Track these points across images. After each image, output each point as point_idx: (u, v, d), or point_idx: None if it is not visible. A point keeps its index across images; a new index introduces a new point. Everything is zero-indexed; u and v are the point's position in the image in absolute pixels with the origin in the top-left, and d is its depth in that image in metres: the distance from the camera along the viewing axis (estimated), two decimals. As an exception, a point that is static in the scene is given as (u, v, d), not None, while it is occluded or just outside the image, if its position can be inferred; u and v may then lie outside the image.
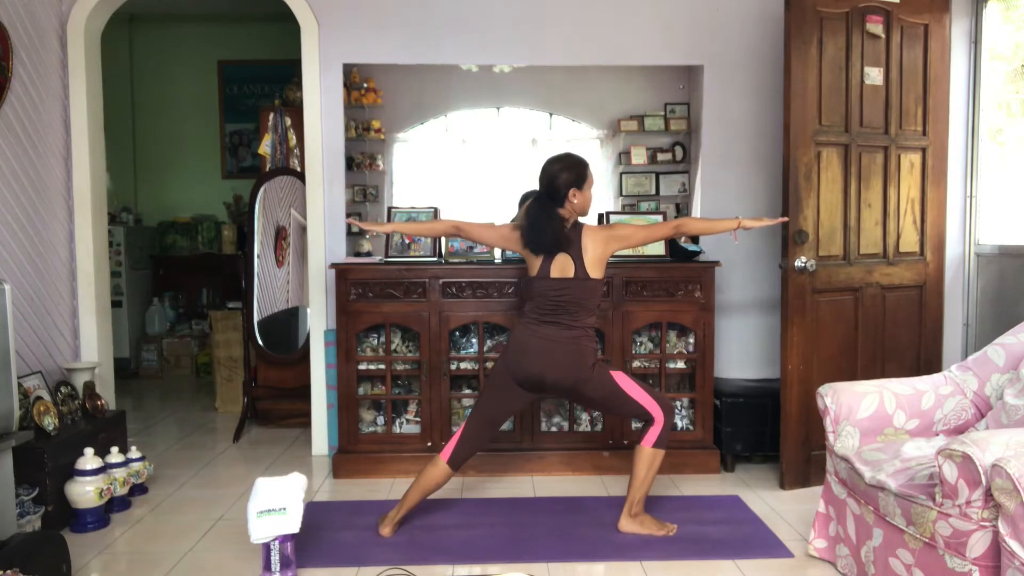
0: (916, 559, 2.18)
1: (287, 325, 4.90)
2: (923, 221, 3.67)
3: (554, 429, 3.79)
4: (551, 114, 5.58)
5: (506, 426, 3.73)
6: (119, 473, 3.24)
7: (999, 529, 1.94)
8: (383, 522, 2.95)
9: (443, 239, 3.78)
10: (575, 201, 2.83)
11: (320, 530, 2.98)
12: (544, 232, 2.81)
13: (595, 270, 2.84)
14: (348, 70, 4.87)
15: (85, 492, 3.03)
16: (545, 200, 2.85)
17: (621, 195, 5.33)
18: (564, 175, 2.82)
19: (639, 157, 5.24)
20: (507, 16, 4.00)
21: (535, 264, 2.88)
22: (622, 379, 2.92)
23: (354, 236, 5.11)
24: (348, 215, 5.02)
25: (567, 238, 2.84)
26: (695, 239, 3.91)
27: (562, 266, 2.84)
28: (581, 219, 2.94)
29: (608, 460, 3.69)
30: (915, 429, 2.67)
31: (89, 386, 3.55)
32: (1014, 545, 1.88)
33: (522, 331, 2.88)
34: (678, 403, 3.82)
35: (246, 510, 2.55)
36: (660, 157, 5.23)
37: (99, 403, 3.52)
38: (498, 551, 2.80)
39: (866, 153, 3.52)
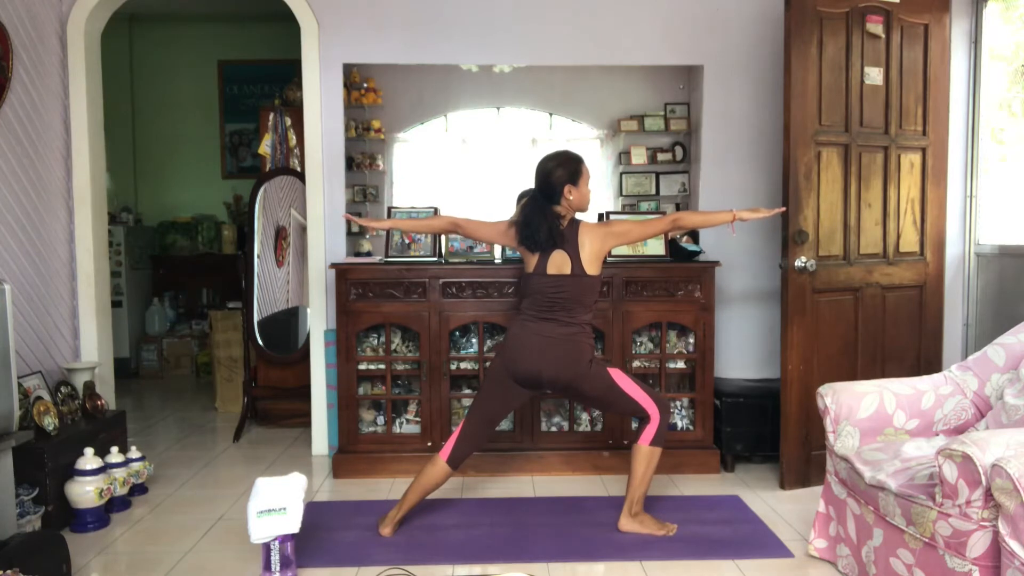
0: (917, 559, 2.18)
1: (287, 325, 4.90)
2: (923, 221, 3.67)
3: (554, 429, 3.79)
4: (551, 114, 5.58)
5: (506, 426, 3.73)
6: (119, 473, 3.24)
7: (999, 529, 1.93)
8: (383, 522, 2.95)
9: (443, 238, 3.78)
10: (571, 198, 2.84)
11: (320, 530, 2.98)
12: (538, 229, 2.81)
13: (592, 267, 2.84)
14: (348, 70, 4.87)
15: (85, 492, 3.03)
16: (540, 198, 2.85)
17: (621, 195, 5.32)
18: (558, 172, 2.82)
19: (639, 157, 5.24)
20: (507, 16, 4.00)
21: (532, 261, 2.88)
22: (619, 376, 2.92)
23: (354, 236, 5.11)
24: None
25: (562, 235, 2.84)
26: (695, 238, 3.91)
27: (559, 263, 2.84)
28: (580, 216, 2.94)
29: (608, 460, 3.68)
30: (915, 429, 2.67)
31: (89, 386, 3.54)
32: (1014, 545, 1.88)
33: (519, 328, 2.88)
34: (678, 403, 3.82)
35: (246, 510, 2.55)
36: (660, 157, 5.23)
37: (99, 403, 3.51)
38: (498, 551, 2.80)
39: (866, 153, 3.52)
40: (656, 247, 3.75)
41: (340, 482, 3.63)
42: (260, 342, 4.68)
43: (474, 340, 3.77)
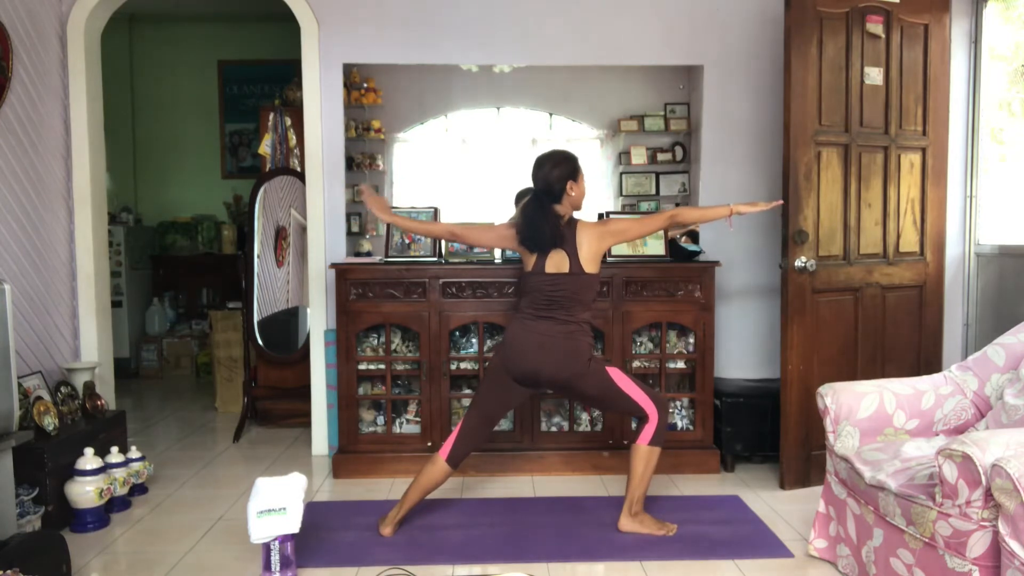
0: (917, 559, 2.19)
1: (287, 325, 4.90)
2: (923, 221, 3.67)
3: (554, 429, 3.79)
4: (551, 114, 5.58)
5: (506, 426, 3.73)
6: (119, 473, 3.24)
7: (999, 529, 1.93)
8: (383, 522, 2.95)
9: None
10: (572, 194, 2.86)
11: (320, 530, 2.98)
12: (541, 230, 2.82)
13: (590, 265, 2.85)
14: (348, 70, 4.87)
15: (85, 492, 3.03)
16: (543, 198, 2.86)
17: (621, 195, 5.33)
18: (559, 170, 2.84)
19: (639, 157, 5.24)
20: (507, 16, 4.00)
21: (530, 260, 2.89)
22: (617, 375, 2.92)
23: (354, 236, 5.11)
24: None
25: (562, 235, 2.85)
26: (695, 239, 3.91)
27: (557, 262, 2.84)
28: (576, 214, 2.95)
29: (608, 460, 3.68)
30: (915, 429, 2.67)
31: (89, 386, 3.54)
32: (1014, 545, 1.88)
33: (518, 326, 2.89)
34: (678, 403, 3.82)
35: (246, 510, 2.55)
36: (660, 157, 5.23)
37: (99, 403, 3.52)
38: (498, 551, 2.80)
39: (866, 153, 3.52)
40: (656, 247, 3.75)
41: (340, 482, 3.63)
42: (260, 342, 4.68)
43: (474, 340, 3.77)
